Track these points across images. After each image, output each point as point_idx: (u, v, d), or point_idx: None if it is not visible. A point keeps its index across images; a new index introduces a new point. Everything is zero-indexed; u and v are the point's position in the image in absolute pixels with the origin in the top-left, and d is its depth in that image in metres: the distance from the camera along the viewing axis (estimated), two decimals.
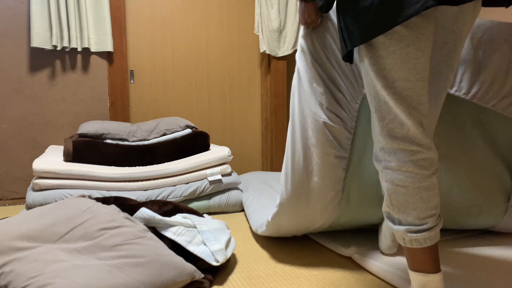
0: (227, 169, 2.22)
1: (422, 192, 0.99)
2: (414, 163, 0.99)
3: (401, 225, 1.02)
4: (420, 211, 0.99)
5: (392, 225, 1.06)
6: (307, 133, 1.34)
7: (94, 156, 2.13)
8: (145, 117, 2.87)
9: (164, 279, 1.13)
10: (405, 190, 1.00)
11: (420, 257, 1.01)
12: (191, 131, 2.35)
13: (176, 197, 2.10)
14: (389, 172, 1.03)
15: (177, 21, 2.90)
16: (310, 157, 1.35)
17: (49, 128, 2.60)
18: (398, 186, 1.01)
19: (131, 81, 2.82)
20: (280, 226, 1.50)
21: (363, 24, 0.99)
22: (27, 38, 2.50)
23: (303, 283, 1.32)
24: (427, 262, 1.01)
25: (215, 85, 3.04)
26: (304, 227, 1.52)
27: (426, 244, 1.00)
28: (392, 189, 1.02)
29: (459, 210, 1.50)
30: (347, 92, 1.36)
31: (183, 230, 1.38)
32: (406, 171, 1.00)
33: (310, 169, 1.35)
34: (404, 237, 1.02)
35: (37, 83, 2.55)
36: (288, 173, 1.39)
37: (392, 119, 1.02)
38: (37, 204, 1.92)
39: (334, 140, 1.34)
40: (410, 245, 1.02)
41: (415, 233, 1.00)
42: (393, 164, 1.02)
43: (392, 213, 1.05)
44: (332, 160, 1.34)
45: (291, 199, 1.39)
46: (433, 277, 1.00)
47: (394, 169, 1.02)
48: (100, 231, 1.21)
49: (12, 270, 1.06)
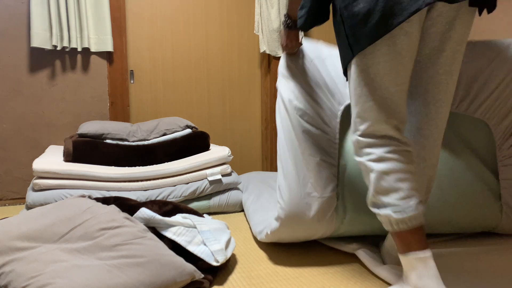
0: (227, 169, 2.22)
1: (401, 175, 1.09)
2: (394, 153, 1.11)
3: (386, 208, 1.10)
4: (403, 192, 1.08)
5: (378, 210, 1.13)
6: (294, 143, 1.44)
7: (94, 156, 2.13)
8: (145, 117, 2.87)
9: (164, 279, 1.13)
10: (387, 176, 1.09)
11: (408, 238, 1.07)
12: (191, 131, 2.35)
13: (176, 197, 2.10)
14: (372, 164, 1.13)
15: (177, 21, 2.90)
16: (300, 164, 1.43)
17: (49, 128, 2.60)
18: (381, 173, 1.10)
19: (131, 81, 2.82)
20: (279, 238, 1.52)
21: (368, 27, 1.07)
22: (27, 38, 2.50)
23: (303, 283, 1.32)
24: (415, 242, 1.07)
25: (215, 85, 3.04)
26: (304, 238, 1.53)
27: (412, 224, 1.07)
28: (377, 177, 1.11)
29: (456, 213, 1.51)
30: (327, 108, 1.48)
31: (183, 230, 1.38)
32: (387, 160, 1.10)
33: (302, 175, 1.42)
34: (390, 220, 1.09)
35: (37, 83, 2.55)
36: (282, 184, 1.44)
37: (373, 123, 1.13)
38: (37, 204, 1.92)
39: (320, 147, 1.45)
40: (398, 228, 1.08)
41: (401, 213, 1.07)
42: (374, 156, 1.12)
43: (377, 200, 1.13)
44: (319, 162, 1.43)
45: (288, 212, 1.41)
46: (423, 253, 1.06)
47: (376, 160, 1.12)
48: (100, 231, 1.21)
49: (12, 270, 1.06)
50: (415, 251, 1.06)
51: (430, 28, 1.13)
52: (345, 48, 1.16)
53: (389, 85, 1.11)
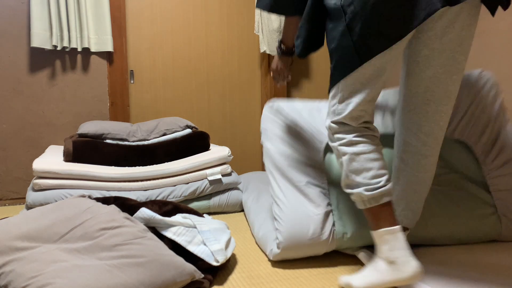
0: (227, 169, 2.22)
1: (371, 155, 1.19)
2: (363, 136, 1.21)
3: (359, 187, 1.19)
4: (373, 171, 1.18)
5: (351, 190, 1.22)
6: (283, 175, 1.56)
7: (94, 156, 2.13)
8: (145, 117, 2.87)
9: (164, 279, 1.13)
10: (358, 157, 1.19)
11: (379, 215, 1.18)
12: (191, 131, 2.35)
13: (176, 197, 2.10)
14: (344, 148, 1.22)
15: (177, 21, 2.90)
16: (289, 191, 1.52)
17: (49, 128, 2.60)
18: (353, 154, 1.20)
19: (131, 81, 2.82)
20: (283, 259, 1.51)
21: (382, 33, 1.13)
22: (27, 38, 2.50)
23: (303, 283, 1.32)
24: (386, 218, 1.17)
25: (215, 85, 3.04)
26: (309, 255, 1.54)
27: (382, 201, 1.17)
28: (348, 159, 1.21)
29: (457, 228, 1.55)
30: (310, 146, 1.62)
31: (183, 230, 1.38)
32: (357, 143, 1.20)
33: (293, 200, 1.51)
34: (363, 198, 1.19)
35: (37, 83, 2.55)
36: (278, 213, 1.50)
37: (348, 113, 1.22)
38: (37, 204, 1.92)
39: (306, 173, 1.56)
40: (369, 204, 1.18)
41: (372, 191, 1.17)
42: (346, 140, 1.22)
43: (349, 181, 1.22)
44: (307, 184, 1.54)
45: (287, 236, 1.43)
46: (393, 229, 1.15)
47: (347, 144, 1.21)
48: (100, 231, 1.21)
49: (12, 270, 1.06)
50: (386, 227, 1.16)
51: (429, 31, 1.15)
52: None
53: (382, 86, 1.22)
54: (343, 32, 1.16)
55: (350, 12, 1.13)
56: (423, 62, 1.20)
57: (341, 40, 1.17)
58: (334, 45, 1.20)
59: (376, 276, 1.16)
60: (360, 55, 1.14)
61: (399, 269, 1.12)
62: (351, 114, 1.21)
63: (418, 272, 1.11)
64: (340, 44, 1.18)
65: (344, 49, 1.17)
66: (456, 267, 1.34)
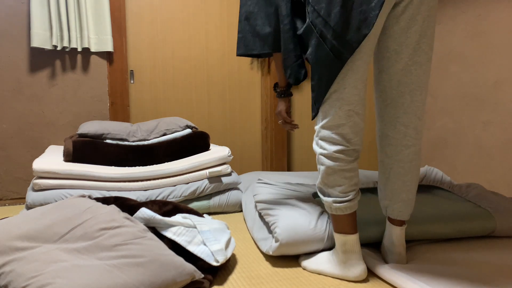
0: (227, 169, 2.22)
1: (346, 173, 1.29)
2: (342, 152, 1.28)
3: (329, 197, 1.32)
4: (344, 187, 1.30)
5: (323, 196, 1.35)
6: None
7: (94, 156, 2.13)
8: (145, 117, 2.87)
9: (164, 279, 1.13)
10: (333, 171, 1.29)
11: (342, 222, 1.32)
12: (191, 131, 2.35)
13: (176, 197, 2.10)
14: (323, 158, 1.31)
15: (177, 21, 2.90)
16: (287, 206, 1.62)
17: (49, 128, 2.60)
18: (329, 168, 1.30)
19: (131, 81, 2.82)
20: (283, 253, 1.51)
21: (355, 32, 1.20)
22: (27, 38, 2.50)
23: (303, 283, 1.32)
24: (348, 225, 1.32)
25: (215, 85, 3.04)
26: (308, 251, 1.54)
27: (347, 212, 1.31)
28: (325, 171, 1.31)
29: (453, 227, 1.59)
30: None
31: (183, 230, 1.38)
32: (335, 158, 1.28)
33: (291, 206, 1.62)
34: (331, 206, 1.32)
35: (37, 83, 2.55)
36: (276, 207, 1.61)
37: (331, 120, 1.29)
38: (37, 204, 1.92)
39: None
40: (336, 213, 1.32)
41: (340, 203, 1.30)
42: (326, 151, 1.30)
43: (323, 188, 1.34)
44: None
45: (287, 231, 1.45)
46: (351, 236, 1.32)
47: (326, 156, 1.30)
48: (100, 231, 1.21)
49: (12, 270, 1.06)
50: (345, 233, 1.32)
51: (394, 26, 1.24)
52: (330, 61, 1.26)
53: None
54: (318, 43, 1.24)
55: (319, 23, 1.22)
56: (393, 57, 1.27)
57: (318, 51, 1.25)
58: (313, 58, 1.28)
59: (327, 266, 1.38)
60: (340, 58, 1.21)
61: (348, 269, 1.32)
62: (335, 122, 1.29)
63: (363, 274, 1.31)
64: (319, 55, 1.25)
65: (323, 58, 1.25)
66: (453, 266, 1.35)
